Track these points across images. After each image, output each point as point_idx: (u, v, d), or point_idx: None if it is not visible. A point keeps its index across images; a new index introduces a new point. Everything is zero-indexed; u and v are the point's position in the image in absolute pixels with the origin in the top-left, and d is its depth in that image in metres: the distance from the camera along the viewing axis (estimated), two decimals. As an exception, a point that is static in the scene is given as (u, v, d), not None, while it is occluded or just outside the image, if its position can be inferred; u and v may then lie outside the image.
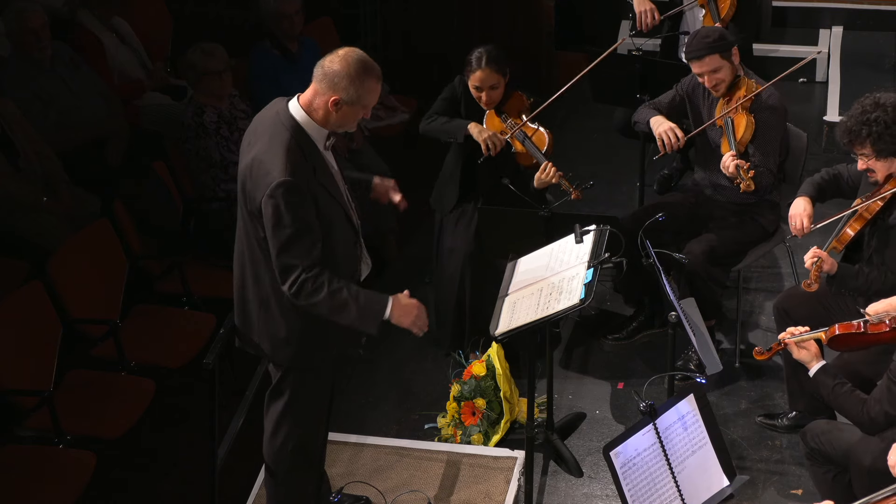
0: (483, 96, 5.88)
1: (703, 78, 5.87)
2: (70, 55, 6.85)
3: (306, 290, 4.33)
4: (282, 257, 4.34)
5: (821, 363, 4.79)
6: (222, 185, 6.46)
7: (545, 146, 5.86)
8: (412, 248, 7.12)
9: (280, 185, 4.28)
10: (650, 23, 7.08)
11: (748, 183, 5.61)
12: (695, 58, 5.84)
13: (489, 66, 5.81)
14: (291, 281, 4.33)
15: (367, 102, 4.41)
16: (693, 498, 4.31)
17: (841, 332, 4.74)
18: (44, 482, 5.03)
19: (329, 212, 4.41)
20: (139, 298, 6.13)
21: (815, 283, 5.17)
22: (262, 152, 4.38)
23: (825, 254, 5.18)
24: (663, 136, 5.97)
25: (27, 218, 6.22)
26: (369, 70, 4.37)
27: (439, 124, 5.99)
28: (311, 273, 4.32)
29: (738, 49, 5.90)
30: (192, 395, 5.62)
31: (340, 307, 4.39)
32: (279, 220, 4.30)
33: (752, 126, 5.81)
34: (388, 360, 6.29)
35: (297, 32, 7.20)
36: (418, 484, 5.39)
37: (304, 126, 4.39)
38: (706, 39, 5.82)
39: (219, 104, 6.51)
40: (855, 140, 5.16)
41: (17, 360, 5.29)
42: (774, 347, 4.95)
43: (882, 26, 8.86)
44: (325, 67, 4.37)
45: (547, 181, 5.76)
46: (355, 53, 4.39)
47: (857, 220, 5.25)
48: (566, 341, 6.38)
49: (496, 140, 5.85)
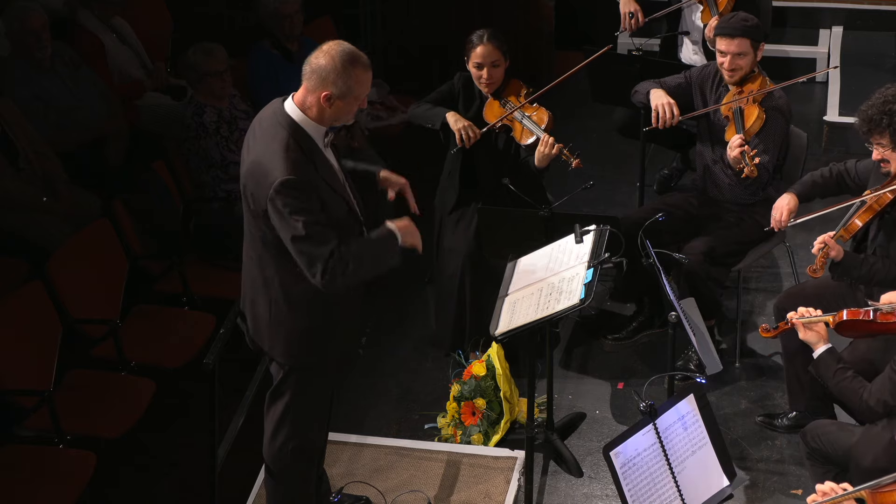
0: (484, 74, 5.86)
1: (726, 58, 5.86)
2: (70, 55, 6.85)
3: (337, 275, 4.32)
4: (302, 251, 4.32)
5: (827, 345, 4.80)
6: (222, 185, 6.46)
7: (545, 124, 5.86)
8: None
9: (282, 183, 4.27)
10: (635, 24, 7.09)
11: (752, 168, 5.60)
12: (727, 35, 5.84)
13: (491, 41, 5.81)
14: (321, 272, 4.32)
15: (359, 93, 4.40)
16: (693, 498, 4.31)
17: (849, 318, 4.74)
18: (44, 482, 5.03)
19: (333, 207, 4.41)
20: (139, 298, 6.12)
21: (820, 270, 5.19)
22: (261, 154, 4.38)
23: (833, 241, 5.19)
24: (659, 108, 5.96)
25: (27, 218, 6.22)
26: (355, 61, 4.36)
27: (423, 110, 6.00)
28: (335, 259, 4.32)
29: (762, 47, 5.91)
30: (192, 395, 5.62)
31: (366, 264, 4.41)
32: (288, 216, 4.29)
33: (761, 119, 5.82)
34: (388, 360, 6.30)
35: (297, 32, 7.20)
36: (418, 484, 5.39)
37: (301, 124, 4.39)
38: (745, 22, 5.84)
39: (219, 104, 6.51)
40: (874, 129, 5.13)
41: (17, 360, 5.29)
42: (781, 326, 4.96)
43: (882, 26, 8.86)
44: (311, 64, 4.37)
45: (548, 153, 5.75)
46: (339, 46, 4.38)
47: (867, 210, 5.24)
48: (566, 341, 6.38)
49: (471, 131, 5.84)
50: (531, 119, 5.86)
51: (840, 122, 7.84)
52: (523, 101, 5.91)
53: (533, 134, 5.83)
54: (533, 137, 5.83)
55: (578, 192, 5.77)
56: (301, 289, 4.48)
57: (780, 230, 5.59)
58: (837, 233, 5.27)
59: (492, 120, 5.92)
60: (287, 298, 4.52)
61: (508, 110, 5.88)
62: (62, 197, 6.34)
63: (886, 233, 5.25)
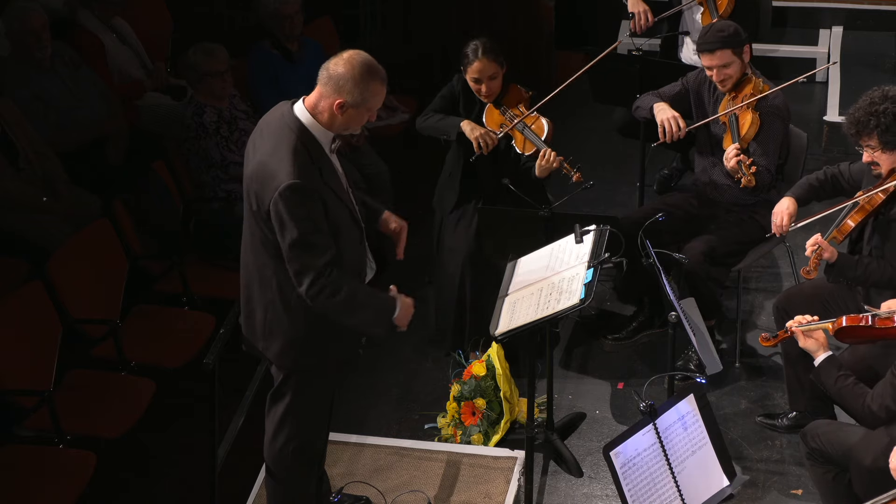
0: (483, 88, 5.88)
1: (712, 72, 5.86)
2: (70, 55, 6.84)
3: (325, 293, 4.31)
4: (296, 259, 4.31)
5: (827, 353, 4.80)
6: (222, 185, 6.45)
7: (545, 134, 5.86)
8: (412, 248, 7.07)
9: (288, 187, 4.26)
10: (644, 24, 7.09)
11: (749, 178, 5.61)
12: (707, 50, 5.84)
13: (486, 55, 5.82)
14: (308, 284, 4.31)
15: (372, 105, 4.40)
16: (693, 498, 4.31)
17: (848, 325, 4.75)
18: (44, 482, 5.03)
19: (336, 213, 4.40)
20: (139, 298, 6.12)
21: (813, 271, 5.21)
22: (267, 155, 4.37)
23: (826, 242, 5.20)
24: (665, 123, 5.96)
25: (27, 218, 6.21)
26: (374, 73, 4.36)
27: (434, 121, 6.00)
28: (327, 276, 4.30)
29: (749, 47, 5.89)
30: (192, 395, 5.62)
31: (357, 309, 4.40)
32: (289, 221, 4.28)
33: (756, 124, 5.81)
34: (388, 360, 6.29)
35: (297, 32, 7.19)
36: (418, 484, 5.39)
37: (309, 128, 4.38)
38: (721, 33, 5.82)
39: (219, 104, 6.51)
40: (862, 131, 5.15)
41: (17, 360, 5.29)
42: (781, 335, 4.96)
43: (882, 26, 8.86)
44: (329, 70, 4.36)
45: (548, 167, 5.76)
46: (360, 56, 4.38)
47: (859, 211, 5.25)
48: (566, 341, 6.38)
49: (488, 138, 5.85)
50: (532, 130, 5.86)
51: (840, 122, 7.82)
52: (524, 110, 5.90)
53: (534, 146, 5.84)
54: (534, 149, 5.84)
55: (578, 193, 5.78)
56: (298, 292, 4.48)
57: (782, 235, 5.59)
58: (830, 234, 5.28)
59: (492, 126, 5.93)
60: (284, 301, 4.50)
61: (509, 119, 5.88)
62: (62, 197, 6.33)
63: (881, 234, 5.26)
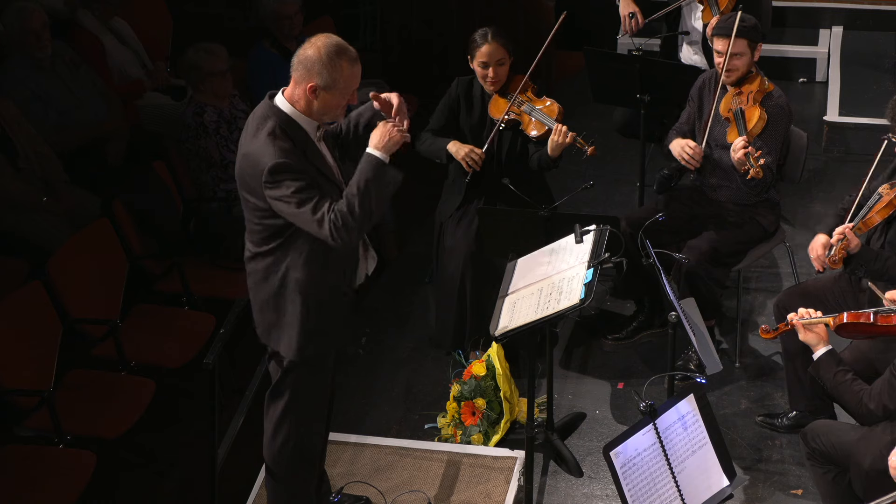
0: (490, 73, 5.88)
1: (722, 58, 5.85)
2: (70, 55, 6.85)
3: (344, 225, 4.31)
4: (306, 218, 4.34)
5: (827, 347, 4.80)
6: (222, 185, 6.46)
7: (555, 115, 5.87)
8: (412, 248, 7.12)
9: (273, 167, 4.32)
10: (634, 27, 7.09)
11: (757, 170, 5.60)
12: (724, 35, 5.83)
13: (496, 39, 5.83)
14: (329, 225, 4.31)
15: (345, 86, 4.41)
16: (693, 498, 4.31)
17: (849, 320, 4.74)
18: (44, 482, 5.03)
19: (324, 190, 4.43)
20: (139, 298, 6.13)
21: (839, 262, 5.19)
22: (249, 145, 4.44)
23: (851, 233, 5.19)
24: (683, 156, 5.95)
25: (27, 218, 6.22)
26: (341, 53, 4.38)
27: (427, 146, 6.05)
28: (334, 212, 4.32)
29: (759, 47, 5.90)
30: (192, 395, 5.62)
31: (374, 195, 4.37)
32: (285, 193, 4.32)
33: (764, 120, 5.81)
34: (388, 360, 6.30)
35: (297, 32, 7.20)
36: (418, 484, 5.39)
37: (291, 116, 4.43)
38: (743, 23, 5.82)
39: (220, 104, 6.51)
40: None
41: (17, 360, 5.29)
42: (781, 327, 4.95)
43: (882, 26, 8.86)
44: (299, 56, 4.41)
45: (561, 142, 5.76)
46: (327, 38, 4.41)
47: (888, 206, 5.23)
48: (566, 341, 6.38)
49: (474, 154, 5.88)
50: (541, 111, 5.87)
51: (840, 121, 7.83)
52: (532, 95, 5.92)
53: (544, 125, 5.83)
54: (545, 128, 5.83)
55: (578, 192, 5.78)
56: (300, 281, 4.51)
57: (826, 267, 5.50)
58: (856, 225, 5.27)
59: (498, 115, 5.92)
60: (287, 291, 4.54)
61: (516, 105, 5.88)
62: (62, 197, 6.34)
63: None
